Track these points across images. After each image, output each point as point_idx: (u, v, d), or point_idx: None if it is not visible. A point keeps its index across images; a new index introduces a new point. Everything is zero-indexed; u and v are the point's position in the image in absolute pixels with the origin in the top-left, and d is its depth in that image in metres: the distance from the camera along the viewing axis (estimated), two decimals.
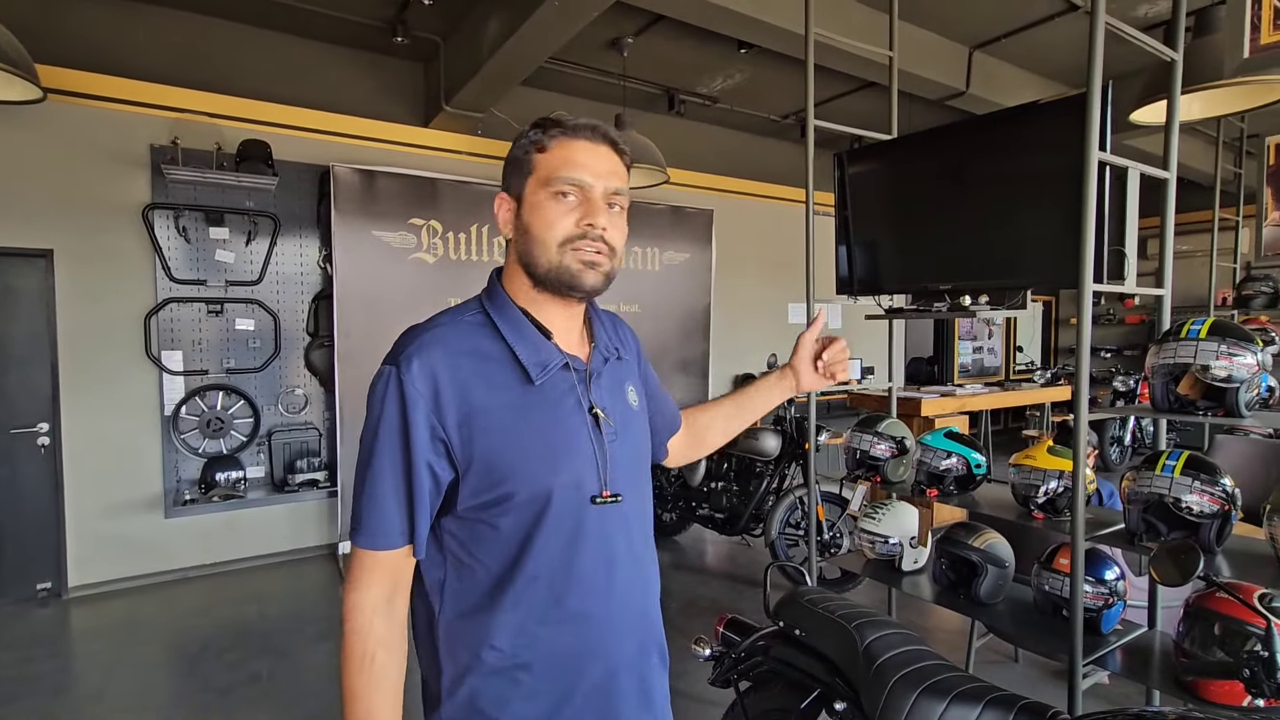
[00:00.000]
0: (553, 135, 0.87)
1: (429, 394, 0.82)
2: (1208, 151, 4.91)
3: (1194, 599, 1.62)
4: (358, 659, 0.82)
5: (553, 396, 0.88)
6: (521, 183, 0.89)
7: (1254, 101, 2.78)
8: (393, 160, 4.32)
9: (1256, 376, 1.49)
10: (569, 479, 0.86)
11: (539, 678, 0.86)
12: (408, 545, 0.84)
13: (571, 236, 0.86)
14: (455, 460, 0.84)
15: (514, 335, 0.88)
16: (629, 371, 1.03)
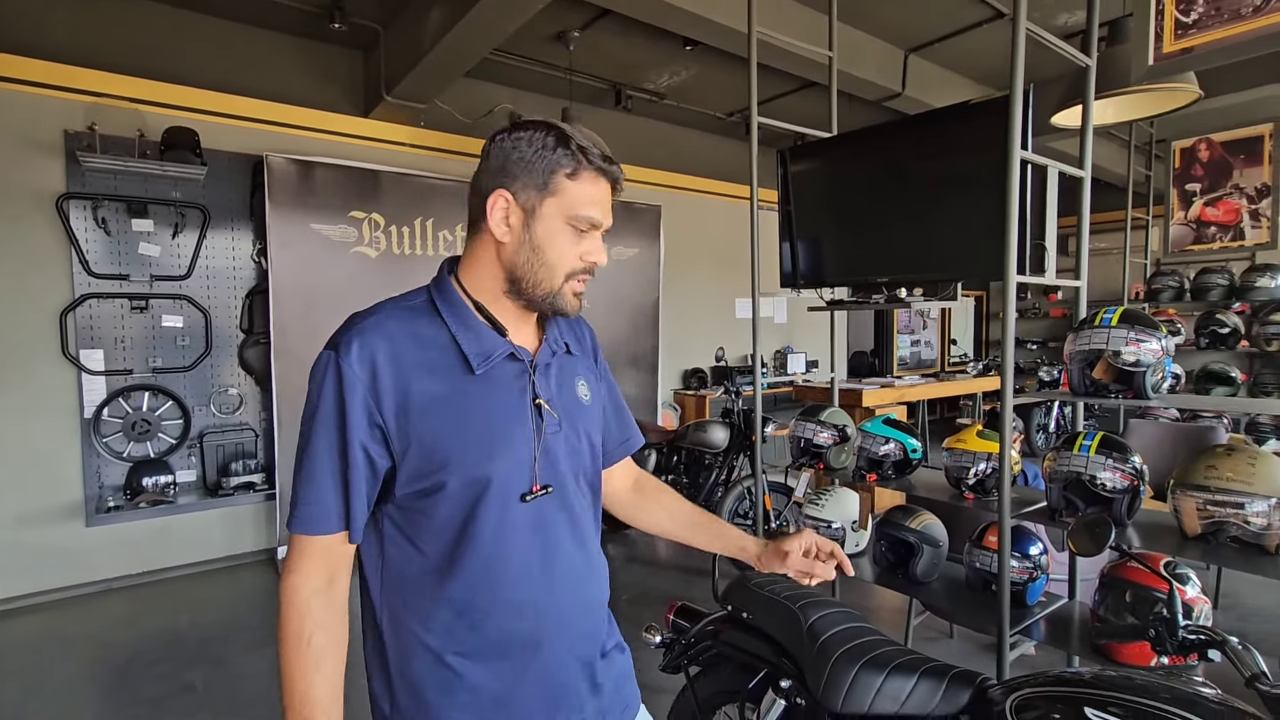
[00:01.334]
0: (584, 167, 0.86)
1: (367, 379, 0.82)
2: (1122, 155, 5.24)
3: (1108, 569, 1.74)
4: (294, 639, 0.82)
5: (494, 386, 0.88)
6: (537, 197, 0.86)
7: (1160, 108, 2.98)
8: (331, 151, 4.18)
9: (1161, 361, 1.61)
10: (505, 469, 0.86)
11: (481, 666, 0.87)
12: (344, 531, 0.84)
13: (576, 270, 0.89)
14: (392, 447, 0.83)
15: (457, 324, 0.88)
16: (581, 366, 1.03)
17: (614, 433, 1.12)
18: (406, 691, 0.87)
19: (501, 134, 0.88)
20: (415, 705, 0.87)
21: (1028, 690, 1.18)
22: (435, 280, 0.93)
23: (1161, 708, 1.03)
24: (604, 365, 1.12)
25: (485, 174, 0.89)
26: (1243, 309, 4.57)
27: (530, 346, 0.94)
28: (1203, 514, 1.53)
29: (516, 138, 0.87)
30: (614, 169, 0.89)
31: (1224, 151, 4.20)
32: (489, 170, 0.88)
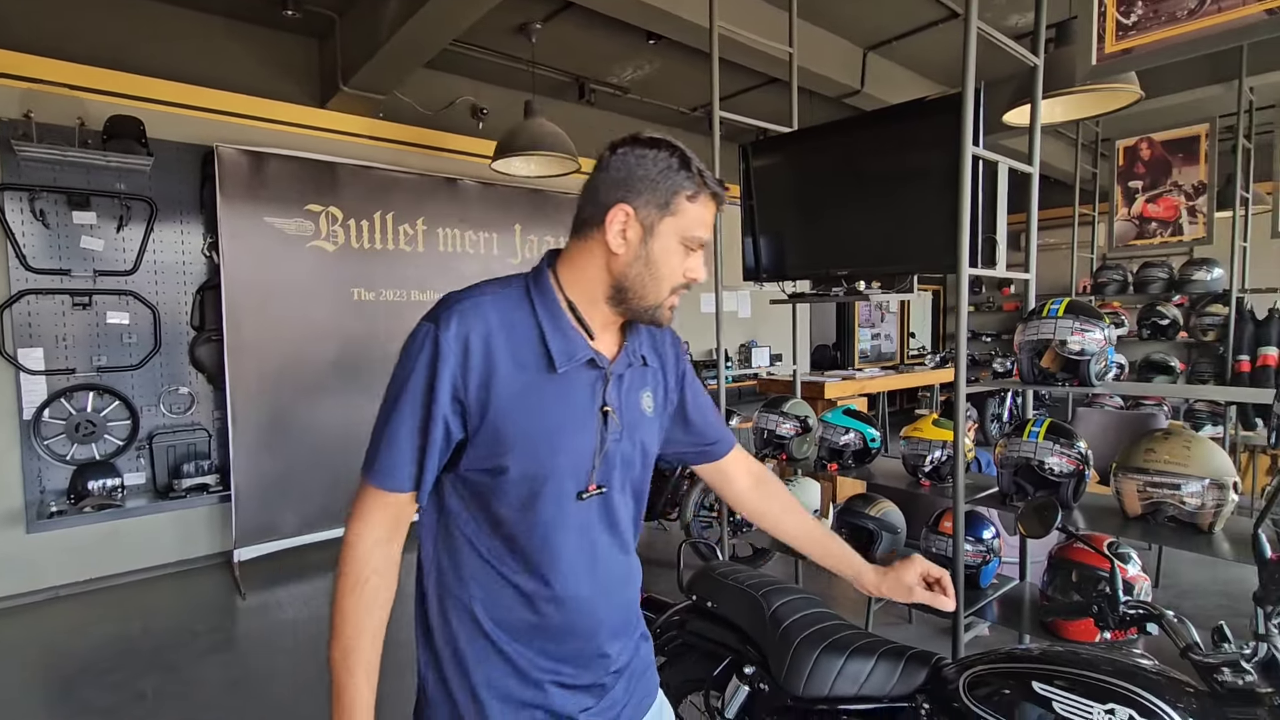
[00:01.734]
0: (703, 190, 0.92)
1: (459, 355, 0.86)
2: (1071, 153, 5.43)
3: (1055, 551, 1.82)
4: (352, 582, 0.88)
5: (570, 387, 0.91)
6: (657, 214, 0.90)
7: (1105, 107, 3.10)
8: (286, 142, 4.06)
9: (1103, 350, 1.68)
10: (565, 466, 0.90)
11: (517, 643, 0.93)
12: (413, 491, 0.90)
13: (678, 285, 0.94)
14: (468, 423, 0.88)
15: (548, 321, 0.91)
16: (653, 379, 1.05)
17: (714, 426, 1.19)
18: (449, 651, 0.93)
19: (624, 148, 0.91)
20: (455, 666, 0.93)
21: (980, 668, 1.22)
22: (534, 273, 0.96)
23: (1103, 679, 1.08)
24: (688, 371, 1.15)
25: (605, 185, 0.91)
26: (1182, 301, 4.79)
27: (610, 353, 0.97)
28: (1142, 495, 1.60)
29: (641, 154, 0.90)
30: (720, 186, 0.94)
31: (1164, 150, 4.39)
32: (609, 182, 0.91)
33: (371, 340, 4.19)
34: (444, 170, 4.64)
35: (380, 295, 4.23)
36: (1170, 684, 1.05)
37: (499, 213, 4.77)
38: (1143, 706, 1.01)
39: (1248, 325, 4.14)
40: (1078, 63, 1.71)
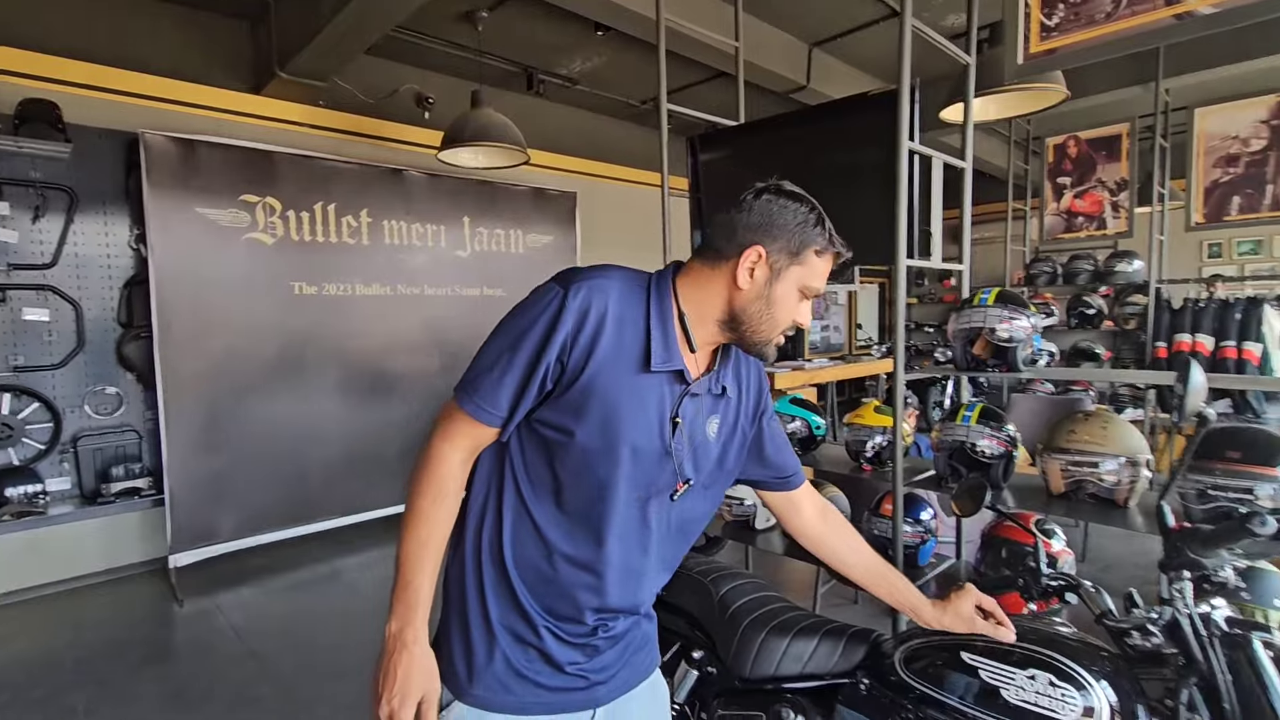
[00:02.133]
0: (829, 249, 1.01)
1: (575, 322, 0.93)
2: (1005, 150, 5.66)
3: (987, 530, 1.91)
4: (435, 490, 0.97)
5: (653, 388, 0.98)
6: (786, 261, 0.99)
7: (1034, 106, 3.24)
8: (218, 129, 3.89)
9: (1030, 337, 1.76)
10: (622, 457, 0.97)
11: (530, 595, 1.00)
12: (498, 428, 0.97)
13: (788, 328, 1.02)
14: (561, 380, 0.95)
15: (657, 325, 0.98)
16: (725, 408, 1.10)
17: (779, 464, 1.24)
18: (475, 587, 1.01)
19: (769, 195, 1.01)
20: (477, 601, 1.01)
21: (915, 642, 1.28)
22: (658, 276, 1.03)
23: (1025, 646, 1.14)
24: (769, 408, 1.21)
25: (744, 225, 0.99)
26: (1108, 292, 5.06)
27: (696, 372, 1.03)
28: (1065, 474, 1.70)
29: (783, 205, 1.00)
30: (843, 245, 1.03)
31: (1089, 148, 4.61)
32: (749, 224, 0.99)
33: (314, 336, 4.06)
34: (388, 161, 4.52)
35: (323, 289, 4.10)
36: (1085, 649, 1.12)
37: (447, 205, 4.67)
38: (1060, 670, 1.08)
39: (1165, 314, 4.41)
40: (1005, 62, 1.79)
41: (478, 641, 1.01)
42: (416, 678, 0.93)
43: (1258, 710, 0.98)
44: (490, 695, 1.00)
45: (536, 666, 1.02)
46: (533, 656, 1.02)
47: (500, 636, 1.00)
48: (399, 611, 0.94)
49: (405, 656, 0.93)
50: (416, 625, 0.94)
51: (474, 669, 1.00)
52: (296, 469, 4.01)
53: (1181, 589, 1.05)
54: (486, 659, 1.00)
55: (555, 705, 1.03)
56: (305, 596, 3.53)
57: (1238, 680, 1.00)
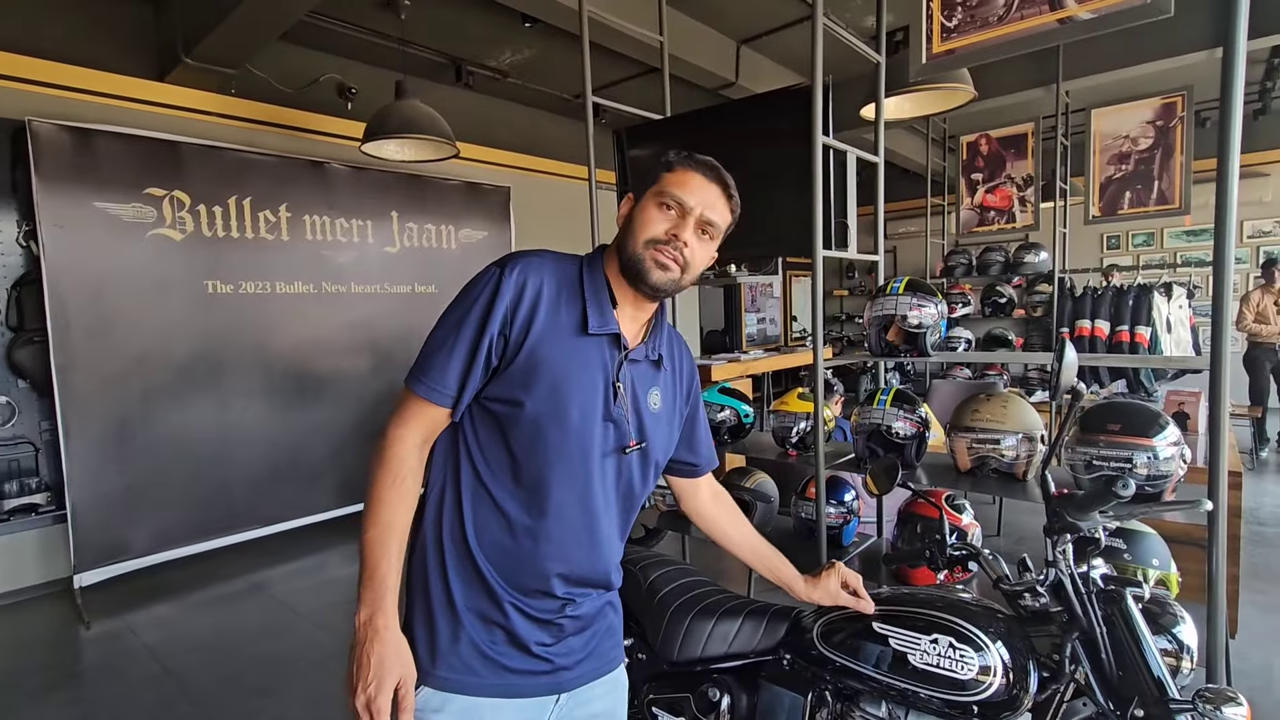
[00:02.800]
0: (681, 161, 1.07)
1: (514, 297, 1.00)
2: (924, 147, 5.92)
3: (903, 507, 2.00)
4: (392, 475, 0.98)
5: (592, 352, 1.03)
6: (644, 190, 1.07)
7: (945, 105, 3.41)
8: (117, 118, 3.64)
9: (938, 323, 1.86)
10: (571, 420, 1.01)
11: (490, 568, 1.02)
12: (450, 408, 1.01)
13: (656, 239, 1.04)
14: (505, 355, 1.00)
15: (591, 292, 1.05)
16: (664, 381, 1.15)
17: (704, 450, 1.30)
18: (437, 570, 1.03)
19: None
20: (440, 584, 1.03)
21: (832, 615, 1.33)
22: (590, 255, 1.11)
23: (930, 614, 1.21)
24: (696, 391, 1.26)
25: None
26: (1019, 283, 5.37)
27: (632, 340, 1.09)
28: (971, 451, 1.80)
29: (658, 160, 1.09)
30: (708, 164, 1.07)
31: (999, 146, 4.88)
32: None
33: (232, 337, 3.87)
34: (308, 153, 4.34)
35: (240, 288, 3.91)
36: (983, 612, 1.20)
37: (373, 199, 4.53)
38: (960, 634, 1.15)
39: (1068, 301, 4.72)
40: (911, 62, 1.87)
41: (442, 625, 1.02)
42: (390, 662, 0.93)
43: (1130, 659, 1.07)
44: (454, 676, 1.01)
45: (502, 648, 1.03)
46: (499, 637, 1.03)
47: (465, 618, 1.02)
48: (367, 599, 0.94)
49: (377, 643, 0.93)
50: (386, 610, 0.94)
51: (437, 652, 1.01)
52: (216, 478, 3.81)
53: (1064, 551, 1.13)
54: (451, 641, 1.01)
55: (520, 688, 1.04)
56: (228, 611, 3.37)
57: (1112, 632, 1.09)
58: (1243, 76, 1.37)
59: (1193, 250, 7.34)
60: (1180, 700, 1.00)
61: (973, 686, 1.11)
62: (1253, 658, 2.53)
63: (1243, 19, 1.35)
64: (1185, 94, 3.99)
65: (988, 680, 1.11)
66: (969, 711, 1.12)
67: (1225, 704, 0.94)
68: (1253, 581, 3.17)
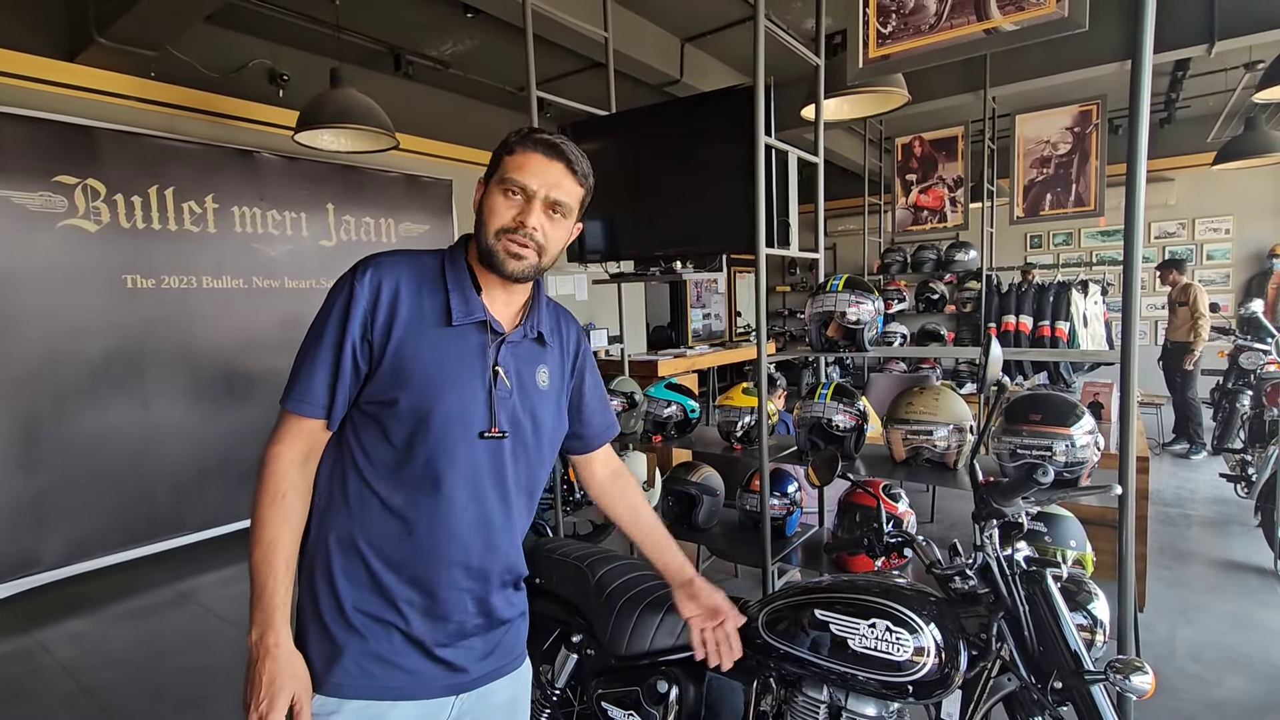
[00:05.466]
0: (520, 143, 1.04)
1: (369, 300, 1.00)
2: (862, 148, 6.10)
3: (843, 497, 2.07)
4: (271, 494, 0.98)
5: (464, 341, 1.04)
6: (490, 175, 1.06)
7: (882, 107, 3.52)
8: (19, 99, 3.38)
9: (875, 319, 1.93)
10: (451, 407, 1.01)
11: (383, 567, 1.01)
12: (324, 420, 1.01)
13: (507, 228, 1.03)
14: (372, 359, 1.00)
15: (454, 283, 1.05)
16: (549, 357, 1.16)
17: (596, 421, 1.31)
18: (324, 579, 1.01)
19: None
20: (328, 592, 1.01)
21: (776, 603, 1.37)
22: (452, 247, 1.11)
23: (868, 599, 1.26)
24: (588, 360, 1.27)
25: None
26: (951, 280, 5.60)
27: (508, 324, 1.10)
28: (906, 442, 1.88)
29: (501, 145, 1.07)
30: (547, 142, 1.04)
31: (931, 148, 5.08)
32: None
33: (154, 334, 3.66)
34: (236, 141, 4.14)
35: (162, 282, 3.70)
36: (918, 596, 1.25)
37: (307, 191, 4.36)
38: (896, 617, 1.20)
39: (995, 297, 4.96)
40: (848, 65, 1.93)
41: (335, 631, 1.01)
42: (283, 679, 0.93)
43: (1050, 635, 1.14)
44: (347, 681, 1.00)
45: (398, 648, 1.03)
46: (395, 638, 1.03)
47: (357, 621, 1.01)
48: (257, 619, 0.94)
49: (269, 660, 0.93)
50: (276, 628, 0.94)
51: (330, 659, 1.00)
52: (137, 484, 3.60)
53: (990, 535, 1.20)
54: (343, 647, 1.01)
55: (415, 689, 1.04)
56: (152, 622, 3.19)
57: (1034, 611, 1.16)
58: (1149, 86, 1.47)
59: (1106, 249, 7.83)
60: (1094, 671, 1.08)
61: (908, 667, 1.16)
62: (1159, 629, 2.74)
63: (1148, 34, 1.45)
64: (1100, 102, 4.24)
65: (922, 660, 1.16)
66: (904, 691, 1.17)
67: (1133, 673, 1.02)
68: (1159, 558, 3.42)
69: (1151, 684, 1.02)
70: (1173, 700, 2.25)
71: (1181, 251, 7.38)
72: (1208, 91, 6.16)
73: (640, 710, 1.44)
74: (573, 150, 1.07)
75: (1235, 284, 7.38)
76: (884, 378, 4.64)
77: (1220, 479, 4.21)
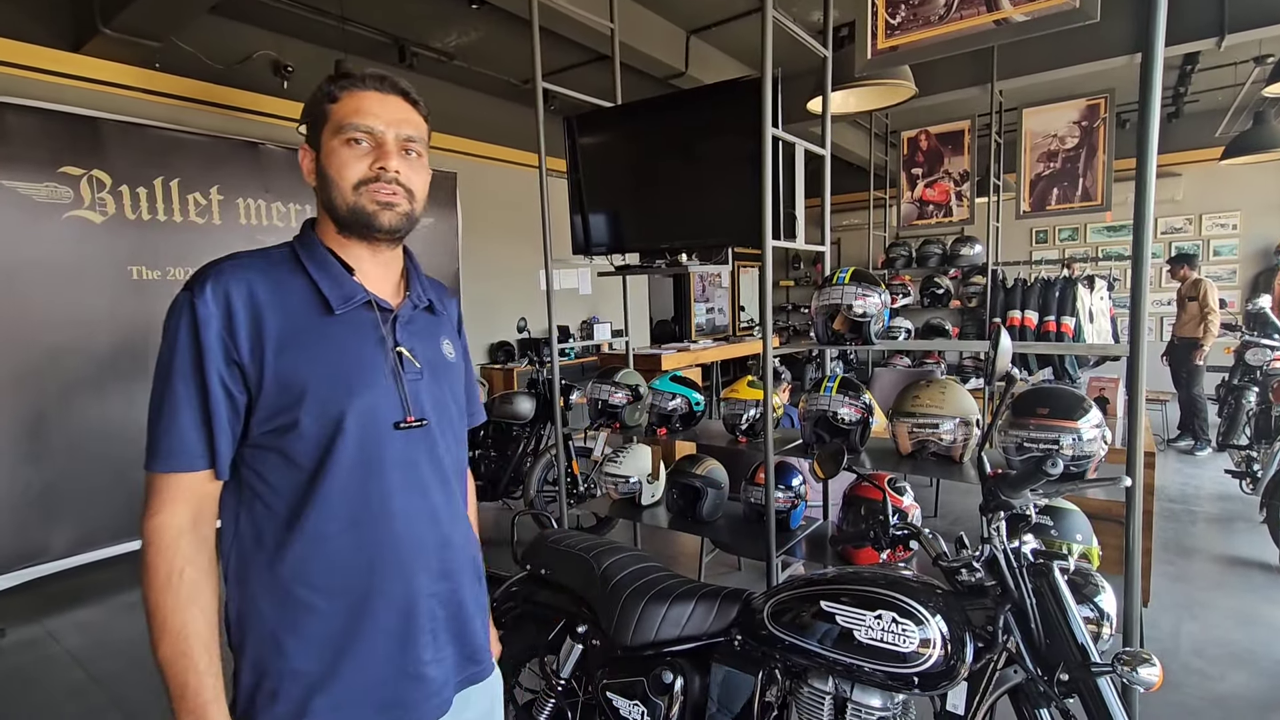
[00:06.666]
0: (342, 86, 0.92)
1: (221, 317, 0.84)
2: (868, 142, 6.07)
3: (848, 490, 2.07)
4: (164, 578, 0.82)
5: (354, 329, 0.92)
6: (318, 134, 0.93)
7: (888, 100, 3.50)
8: (25, 90, 3.38)
9: (881, 312, 1.92)
10: (364, 407, 0.89)
11: (332, 598, 0.89)
12: (209, 469, 0.86)
13: (365, 179, 0.91)
14: (249, 383, 0.86)
15: (318, 269, 0.92)
16: (445, 328, 1.06)
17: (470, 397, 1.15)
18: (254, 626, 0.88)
19: None
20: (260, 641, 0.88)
21: (781, 595, 1.37)
22: (298, 235, 0.98)
23: (874, 590, 1.26)
24: (463, 336, 1.15)
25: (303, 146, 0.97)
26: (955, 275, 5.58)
27: (394, 300, 0.98)
28: (911, 436, 1.87)
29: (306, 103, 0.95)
30: (374, 76, 0.92)
31: (937, 142, 5.06)
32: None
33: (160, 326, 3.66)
34: (242, 133, 4.14)
35: (168, 274, 3.71)
36: (923, 588, 1.25)
37: None
38: (902, 609, 1.20)
39: (1000, 292, 4.94)
40: (856, 57, 1.91)
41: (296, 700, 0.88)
42: None
43: (1056, 627, 1.14)
44: None
45: (371, 684, 0.91)
46: (368, 674, 0.90)
47: (316, 676, 0.88)
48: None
49: None
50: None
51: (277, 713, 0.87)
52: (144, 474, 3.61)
53: (998, 528, 1.19)
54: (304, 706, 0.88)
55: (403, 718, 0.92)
56: None
57: (1041, 603, 1.16)
58: (1160, 78, 1.46)
59: (1113, 245, 7.79)
60: (1100, 664, 1.08)
61: (914, 659, 1.16)
62: (1163, 624, 2.74)
63: (1160, 26, 1.44)
64: (1108, 96, 4.21)
65: (928, 652, 1.16)
66: (909, 683, 1.18)
67: (1141, 665, 1.02)
68: (1163, 554, 3.42)
69: (1159, 676, 1.02)
70: (1176, 695, 2.25)
71: (1188, 247, 7.34)
72: (1216, 86, 6.11)
73: (645, 701, 1.44)
74: (404, 81, 0.95)
75: (1242, 280, 7.34)
76: (888, 372, 4.63)
77: (1225, 475, 4.20)
